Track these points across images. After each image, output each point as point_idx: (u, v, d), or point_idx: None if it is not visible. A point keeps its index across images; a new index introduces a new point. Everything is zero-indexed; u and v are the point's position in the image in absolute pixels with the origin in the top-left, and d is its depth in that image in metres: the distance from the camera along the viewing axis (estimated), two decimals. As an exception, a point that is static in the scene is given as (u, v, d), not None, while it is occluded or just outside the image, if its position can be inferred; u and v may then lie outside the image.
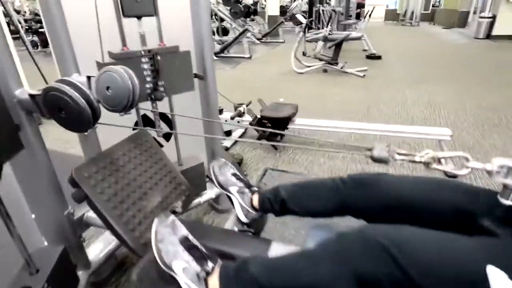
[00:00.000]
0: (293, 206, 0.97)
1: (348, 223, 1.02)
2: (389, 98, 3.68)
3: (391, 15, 14.55)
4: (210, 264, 0.76)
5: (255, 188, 1.07)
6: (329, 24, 5.76)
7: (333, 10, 6.16)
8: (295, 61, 4.93)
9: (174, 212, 1.04)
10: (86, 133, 1.10)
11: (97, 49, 1.07)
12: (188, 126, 1.48)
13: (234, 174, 1.11)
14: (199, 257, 0.77)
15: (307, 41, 5.17)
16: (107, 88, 0.87)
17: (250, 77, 4.99)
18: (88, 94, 0.79)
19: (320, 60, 4.82)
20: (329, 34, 5.64)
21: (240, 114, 2.38)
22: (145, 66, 1.08)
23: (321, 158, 2.26)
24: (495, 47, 7.39)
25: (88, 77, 0.96)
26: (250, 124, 2.24)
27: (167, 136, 1.57)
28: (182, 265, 0.75)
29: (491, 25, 8.29)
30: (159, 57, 1.10)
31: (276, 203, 0.99)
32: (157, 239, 0.77)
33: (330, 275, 0.64)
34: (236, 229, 1.10)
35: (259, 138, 2.26)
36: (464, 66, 5.55)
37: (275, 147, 2.30)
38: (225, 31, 8.35)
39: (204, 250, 0.79)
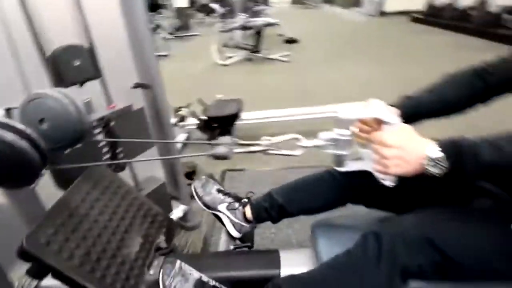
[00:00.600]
0: (292, 209, 0.91)
1: (343, 213, 0.98)
2: (319, 78, 3.85)
3: (296, -1, 15.28)
4: None
5: (245, 200, 0.97)
6: (245, 11, 5.72)
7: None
8: (218, 53, 4.79)
9: (159, 249, 0.88)
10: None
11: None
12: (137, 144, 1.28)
13: (219, 190, 0.99)
14: None
15: (224, 31, 5.06)
16: (41, 120, 0.67)
17: (173, 76, 4.67)
18: (29, 133, 0.57)
19: (243, 49, 4.78)
20: (246, 22, 5.62)
21: (183, 118, 2.19)
22: (99, 137, 0.89)
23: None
24: (387, 23, 8.36)
25: (8, 110, 0.74)
26: (198, 127, 2.08)
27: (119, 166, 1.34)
28: None
29: (382, 3, 9.33)
30: (113, 123, 0.91)
31: (273, 210, 0.92)
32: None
33: (378, 278, 0.62)
34: (231, 247, 1.00)
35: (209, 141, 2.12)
36: (368, 41, 6.14)
37: (228, 147, 2.19)
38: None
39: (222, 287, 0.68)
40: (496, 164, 0.55)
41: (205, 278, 0.69)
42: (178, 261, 0.69)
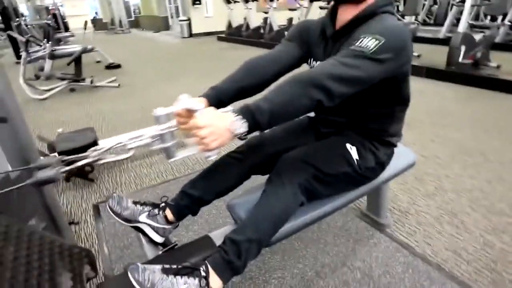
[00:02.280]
0: (209, 197, 1.05)
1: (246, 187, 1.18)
2: (156, 96, 3.91)
3: (100, 25, 14.38)
4: (202, 272, 0.76)
5: (163, 204, 1.02)
6: (49, 39, 5.04)
7: (48, 24, 5.37)
8: (28, 87, 4.05)
9: (88, 279, 0.82)
10: None
11: None
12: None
13: (135, 202, 1.00)
14: (189, 273, 0.77)
15: (29, 61, 4.33)
16: None
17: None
18: None
19: (62, 79, 4.24)
20: (53, 50, 5.01)
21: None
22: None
23: (144, 169, 2.20)
24: (199, 42, 9.24)
25: None
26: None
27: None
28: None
29: (190, 26, 10.19)
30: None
31: (194, 205, 1.03)
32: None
33: (288, 195, 0.89)
34: (160, 252, 1.02)
35: (67, 179, 1.86)
36: (189, 58, 6.65)
37: (91, 180, 1.99)
38: None
39: (188, 264, 0.77)
40: (272, 110, 0.75)
41: (167, 266, 0.75)
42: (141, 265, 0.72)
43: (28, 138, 1.11)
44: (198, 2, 9.96)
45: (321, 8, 7.25)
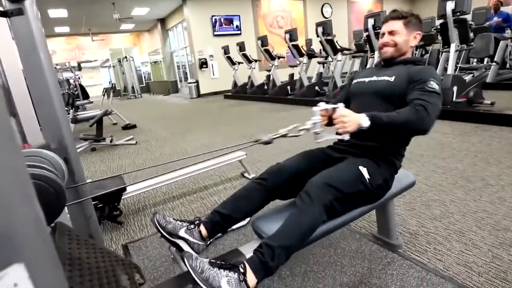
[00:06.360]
0: (238, 216, 1.20)
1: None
2: (174, 150, 4.19)
3: (114, 91, 15.49)
4: (241, 268, 0.89)
5: (197, 221, 1.18)
6: (72, 106, 5.56)
7: (68, 93, 5.96)
8: (53, 149, 4.38)
9: (140, 284, 0.96)
10: None
11: None
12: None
13: (175, 219, 1.16)
14: (230, 268, 0.88)
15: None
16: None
17: None
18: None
19: (85, 140, 4.59)
20: (76, 115, 5.50)
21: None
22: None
23: (166, 211, 2.36)
24: (207, 101, 9.88)
25: None
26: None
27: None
28: (226, 280, 0.84)
29: (198, 87, 11.00)
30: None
31: (224, 222, 1.18)
32: (198, 273, 0.80)
33: (316, 212, 1.02)
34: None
35: (99, 222, 2.01)
36: (199, 115, 7.10)
37: (120, 223, 2.14)
38: None
39: (230, 261, 0.90)
40: (386, 122, 1.13)
41: (212, 260, 0.90)
42: (191, 255, 0.86)
43: (82, 174, 1.32)
44: (205, 66, 10.88)
45: (319, 63, 7.91)
